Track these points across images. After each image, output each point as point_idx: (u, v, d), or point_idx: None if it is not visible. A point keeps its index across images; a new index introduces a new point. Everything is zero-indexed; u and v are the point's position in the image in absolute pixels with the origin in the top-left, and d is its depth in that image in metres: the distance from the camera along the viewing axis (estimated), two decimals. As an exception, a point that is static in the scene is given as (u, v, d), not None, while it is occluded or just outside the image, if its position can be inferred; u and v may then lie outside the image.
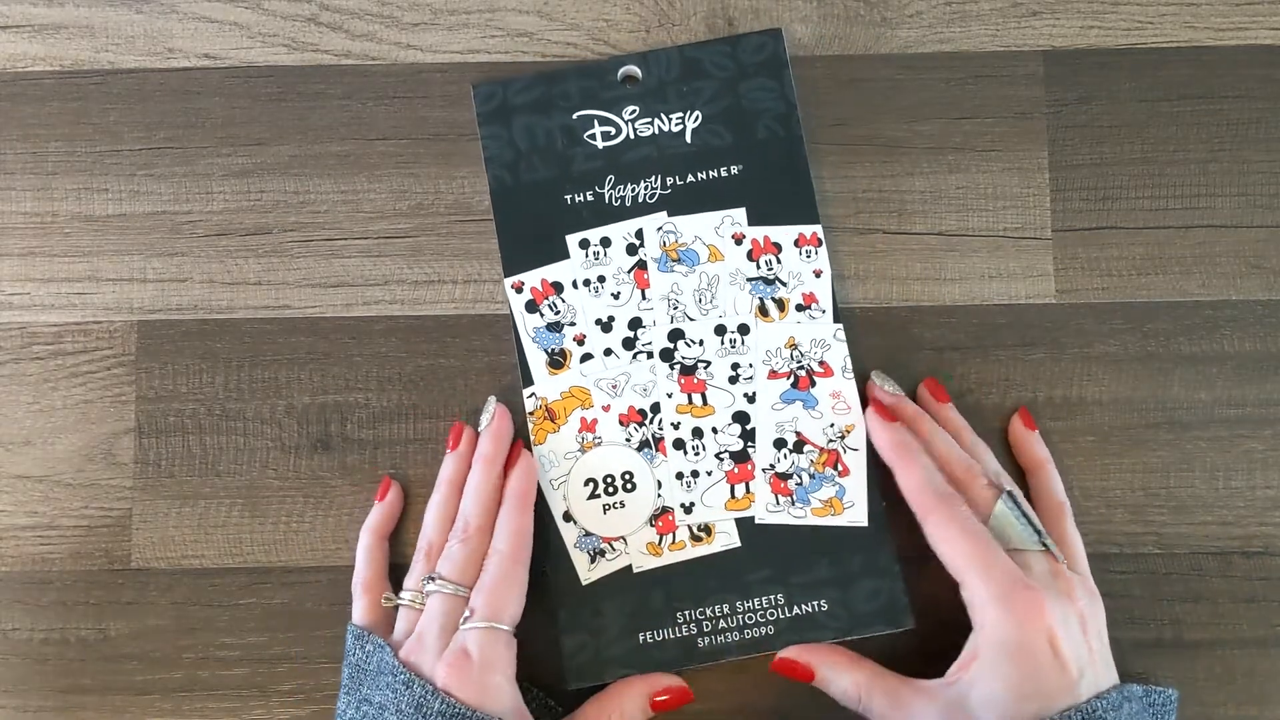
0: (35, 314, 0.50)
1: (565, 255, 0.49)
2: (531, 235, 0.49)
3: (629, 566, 0.47)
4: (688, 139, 0.49)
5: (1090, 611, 0.42)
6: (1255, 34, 0.51)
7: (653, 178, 0.49)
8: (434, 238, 0.50)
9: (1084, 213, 0.50)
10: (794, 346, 0.48)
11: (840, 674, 0.44)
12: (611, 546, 0.47)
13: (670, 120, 0.50)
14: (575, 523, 0.47)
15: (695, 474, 0.47)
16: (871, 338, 0.49)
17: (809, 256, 0.49)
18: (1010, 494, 0.44)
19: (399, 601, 0.46)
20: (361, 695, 0.44)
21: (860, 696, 0.44)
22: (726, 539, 0.47)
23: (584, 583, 0.47)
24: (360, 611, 0.46)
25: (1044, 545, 0.43)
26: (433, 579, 0.44)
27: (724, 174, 0.49)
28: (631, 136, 0.50)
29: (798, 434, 0.48)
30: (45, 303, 0.50)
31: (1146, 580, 0.48)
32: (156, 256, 0.50)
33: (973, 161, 0.50)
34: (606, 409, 0.48)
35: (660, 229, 0.49)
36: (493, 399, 0.48)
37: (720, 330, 0.48)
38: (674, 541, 0.47)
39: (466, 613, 0.43)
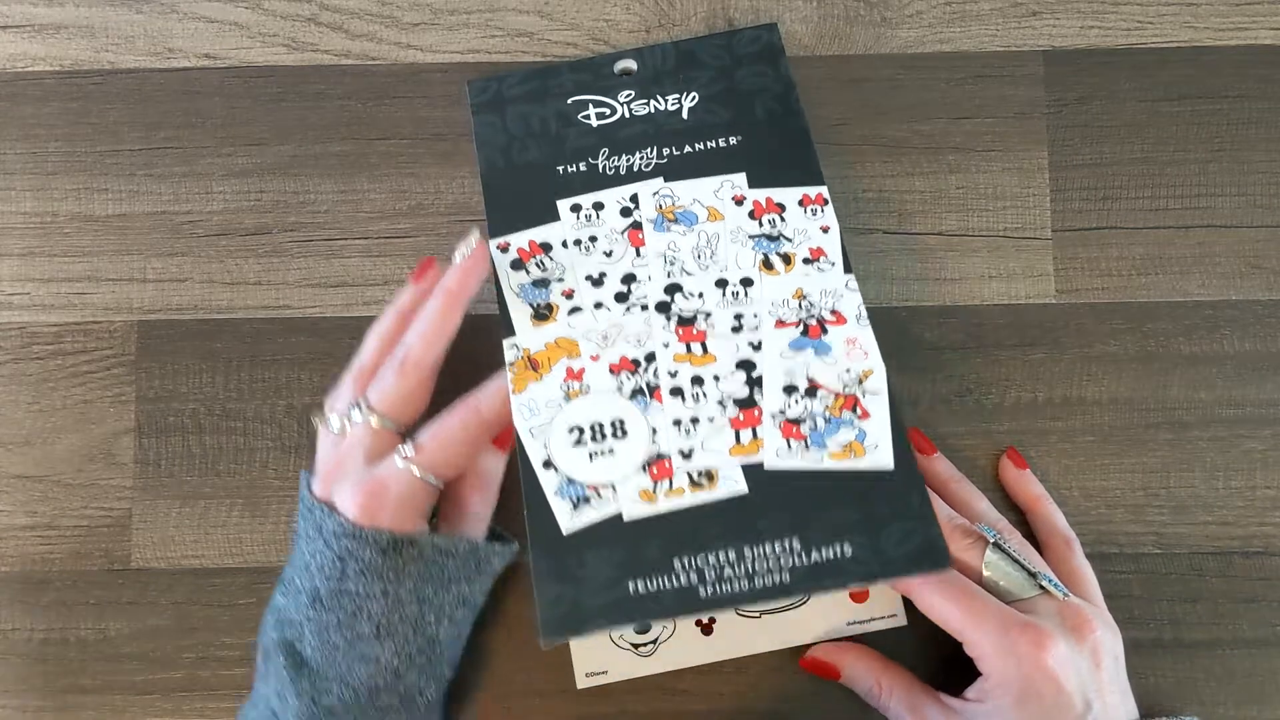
0: (35, 314, 0.50)
1: (555, 218, 0.47)
2: (521, 203, 0.47)
3: (619, 515, 0.43)
4: (684, 116, 0.49)
5: (1104, 643, 0.42)
6: (1255, 34, 0.51)
7: (648, 149, 0.48)
8: (434, 238, 0.50)
9: (1084, 213, 0.50)
10: (803, 297, 0.45)
11: (865, 674, 0.45)
12: (598, 494, 0.43)
13: (666, 100, 0.49)
14: (557, 470, 0.43)
15: (695, 420, 0.44)
16: (871, 338, 0.49)
17: (815, 214, 0.47)
18: (995, 544, 0.43)
19: (323, 423, 0.44)
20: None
21: (881, 696, 0.45)
22: (732, 485, 0.42)
23: (565, 533, 0.42)
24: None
25: (1041, 587, 0.43)
26: (359, 406, 0.42)
27: (722, 144, 0.48)
28: (627, 116, 0.49)
29: (810, 380, 0.44)
30: (45, 303, 0.50)
31: (1146, 580, 0.48)
32: (156, 256, 0.50)
33: (973, 161, 0.50)
34: (595, 359, 0.45)
35: (656, 193, 0.47)
36: (475, 232, 0.45)
37: (721, 284, 0.46)
38: (671, 488, 0.43)
39: (408, 449, 0.42)
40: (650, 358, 0.45)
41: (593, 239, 0.47)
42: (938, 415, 0.49)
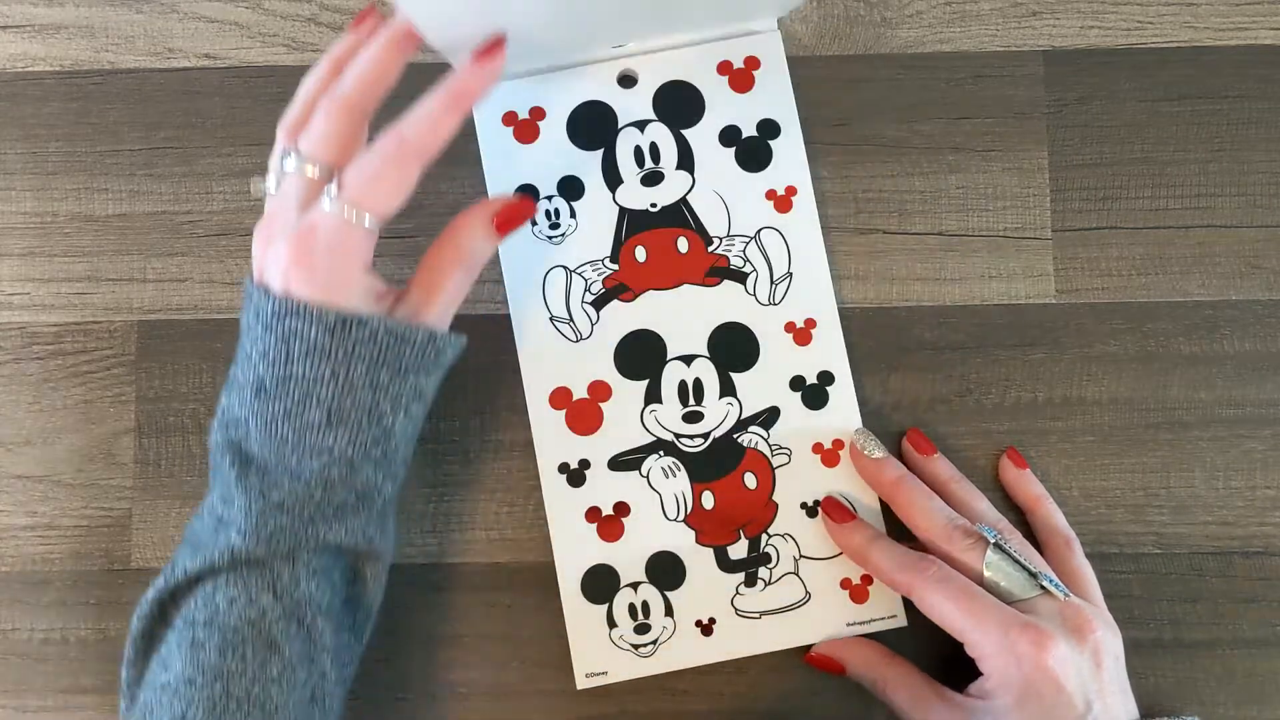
0: (35, 314, 0.50)
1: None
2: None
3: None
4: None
5: (1105, 643, 0.42)
6: (1255, 34, 0.51)
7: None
8: (434, 238, 0.50)
9: (1084, 213, 0.50)
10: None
11: (869, 668, 0.45)
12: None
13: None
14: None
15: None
16: (871, 338, 0.49)
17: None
18: (996, 544, 0.43)
19: (261, 189, 0.41)
20: None
21: (886, 691, 0.45)
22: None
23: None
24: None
25: (1042, 587, 0.43)
26: (290, 154, 0.40)
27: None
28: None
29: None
30: (45, 303, 0.50)
31: (1146, 580, 0.48)
32: (156, 256, 0.50)
33: (973, 161, 0.50)
34: None
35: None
36: None
37: None
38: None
39: (333, 189, 0.39)
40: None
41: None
42: (938, 415, 0.49)
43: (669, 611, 0.47)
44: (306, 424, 0.39)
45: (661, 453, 0.48)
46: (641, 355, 0.49)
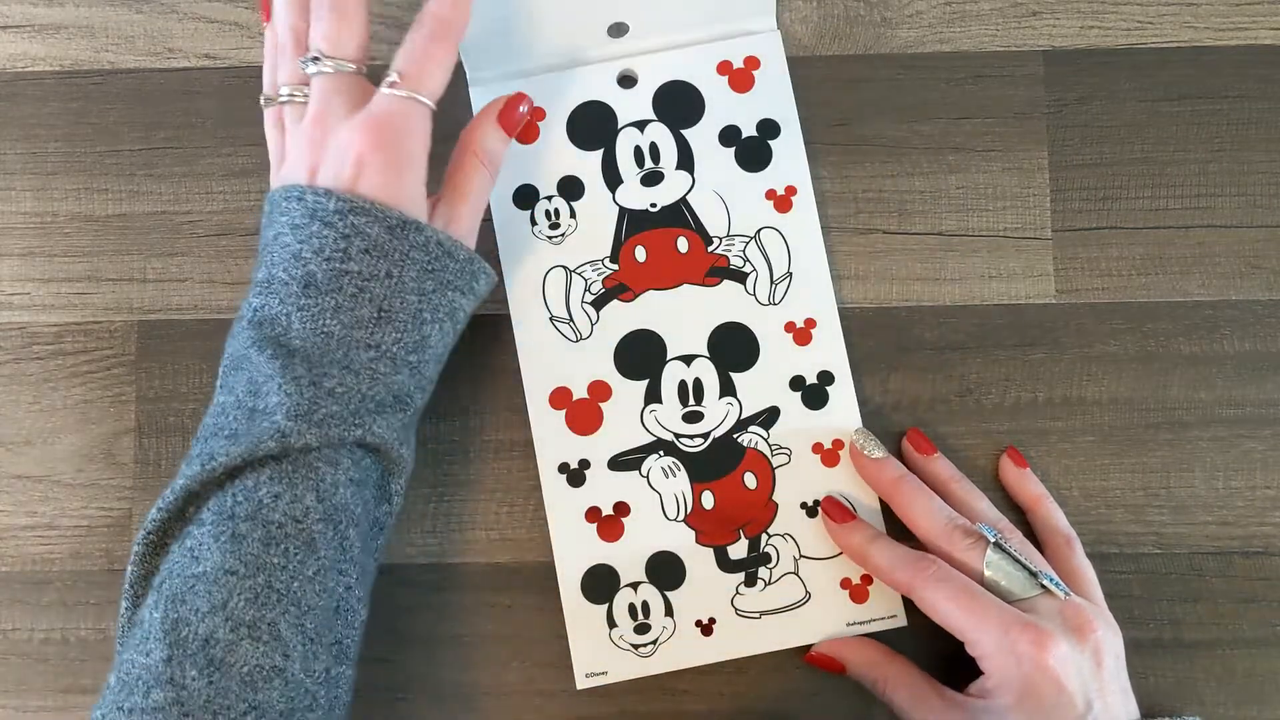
0: (35, 314, 0.50)
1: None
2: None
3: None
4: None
5: (1105, 642, 0.42)
6: (1255, 34, 0.51)
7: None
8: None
9: (1084, 213, 0.50)
10: None
11: (869, 667, 0.45)
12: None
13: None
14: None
15: None
16: (871, 338, 0.49)
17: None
18: (996, 543, 0.43)
19: (280, 98, 0.43)
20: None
21: (885, 690, 0.45)
22: None
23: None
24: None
25: (1042, 586, 0.43)
26: (316, 59, 0.42)
27: None
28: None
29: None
30: (45, 303, 0.50)
31: (1146, 580, 0.48)
32: (156, 256, 0.50)
33: (973, 161, 0.50)
34: None
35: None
36: None
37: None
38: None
39: (392, 76, 0.41)
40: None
41: None
42: (938, 415, 0.49)
43: (669, 611, 0.47)
44: (357, 319, 0.40)
45: (661, 453, 0.48)
46: (641, 355, 0.49)
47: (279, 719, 0.38)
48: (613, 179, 0.49)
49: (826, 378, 0.49)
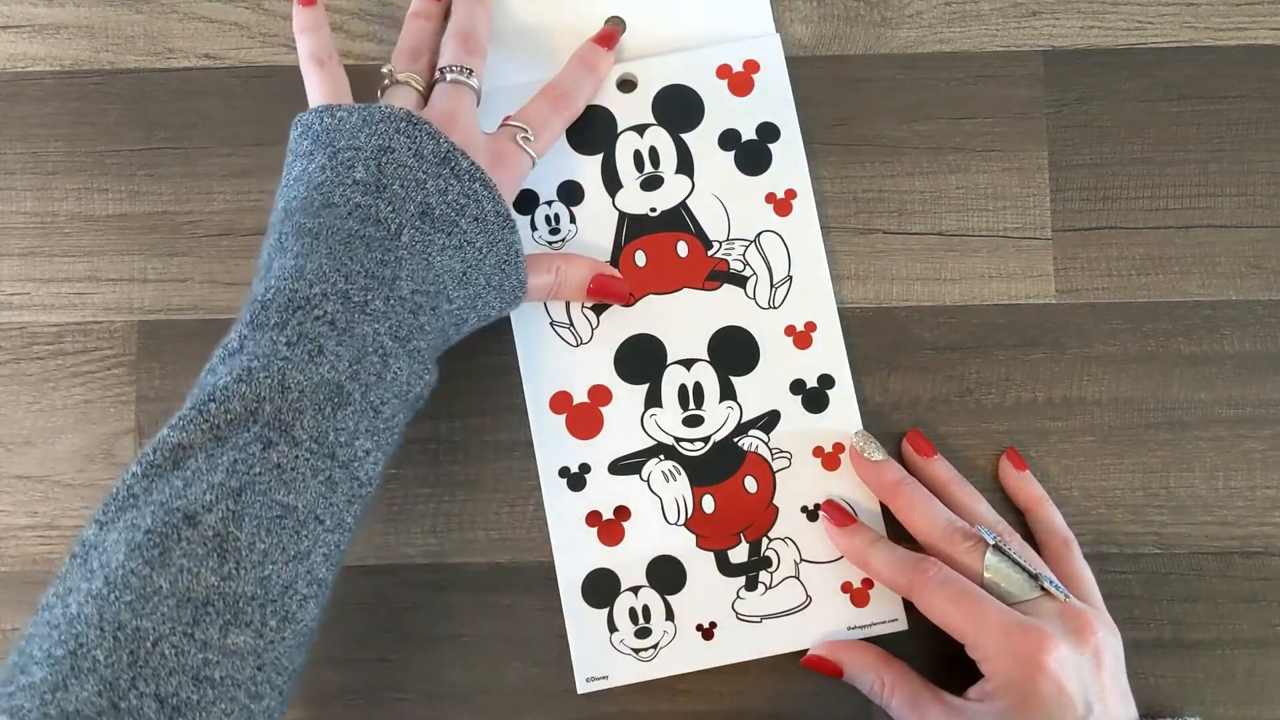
0: (35, 314, 0.50)
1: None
2: None
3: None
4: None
5: (1105, 645, 0.42)
6: (1255, 34, 0.51)
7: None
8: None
9: (1084, 213, 0.50)
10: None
11: (867, 672, 0.45)
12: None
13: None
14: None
15: None
16: (871, 338, 0.49)
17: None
18: (995, 546, 0.44)
19: (407, 78, 0.47)
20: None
21: (883, 694, 0.45)
22: None
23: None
24: (320, 85, 0.47)
25: (1042, 588, 0.43)
26: (464, 69, 0.46)
27: None
28: None
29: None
30: (45, 303, 0.50)
31: (1146, 580, 0.48)
32: (156, 256, 0.50)
33: (973, 161, 0.50)
34: None
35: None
36: None
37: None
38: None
39: (529, 134, 0.46)
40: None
41: None
42: (938, 415, 0.49)
43: (670, 615, 0.47)
44: (445, 266, 0.43)
45: (662, 457, 0.48)
46: (642, 359, 0.49)
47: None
48: (612, 183, 0.49)
49: (827, 381, 0.49)
